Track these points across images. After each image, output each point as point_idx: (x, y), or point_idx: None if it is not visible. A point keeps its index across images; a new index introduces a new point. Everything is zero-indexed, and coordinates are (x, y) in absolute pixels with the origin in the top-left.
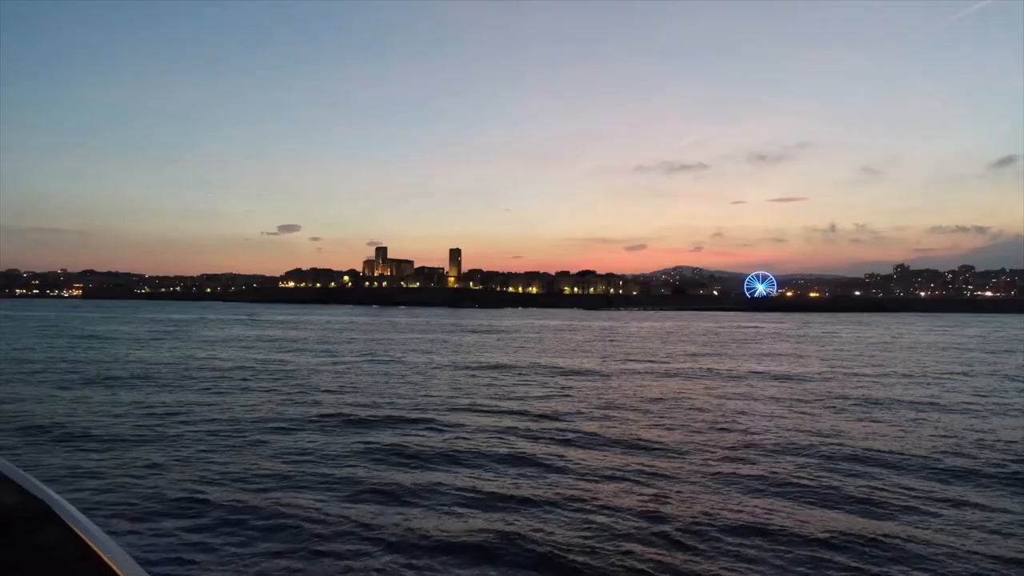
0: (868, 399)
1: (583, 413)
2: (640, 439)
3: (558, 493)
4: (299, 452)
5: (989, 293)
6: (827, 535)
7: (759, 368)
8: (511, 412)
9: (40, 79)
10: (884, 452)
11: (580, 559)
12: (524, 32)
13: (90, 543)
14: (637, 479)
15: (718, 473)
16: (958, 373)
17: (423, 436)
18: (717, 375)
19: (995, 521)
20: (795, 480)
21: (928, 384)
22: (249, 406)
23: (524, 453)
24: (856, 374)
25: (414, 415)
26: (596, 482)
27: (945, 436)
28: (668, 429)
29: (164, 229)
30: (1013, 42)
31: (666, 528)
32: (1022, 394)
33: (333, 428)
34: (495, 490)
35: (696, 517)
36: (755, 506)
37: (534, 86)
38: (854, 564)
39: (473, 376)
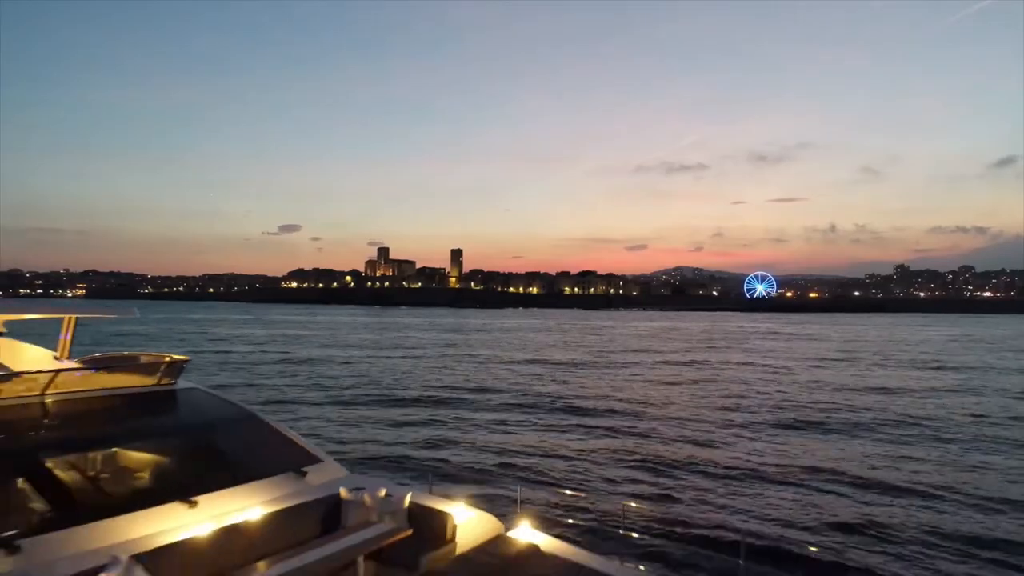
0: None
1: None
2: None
3: None
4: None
5: (988, 294)
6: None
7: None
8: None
9: (41, 80)
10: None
11: None
12: (524, 32)
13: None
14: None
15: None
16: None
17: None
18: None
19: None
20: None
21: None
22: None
23: None
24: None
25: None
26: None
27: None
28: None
29: (164, 229)
30: (1013, 42)
31: None
32: (933, 378)
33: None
34: None
35: None
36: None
37: (534, 86)
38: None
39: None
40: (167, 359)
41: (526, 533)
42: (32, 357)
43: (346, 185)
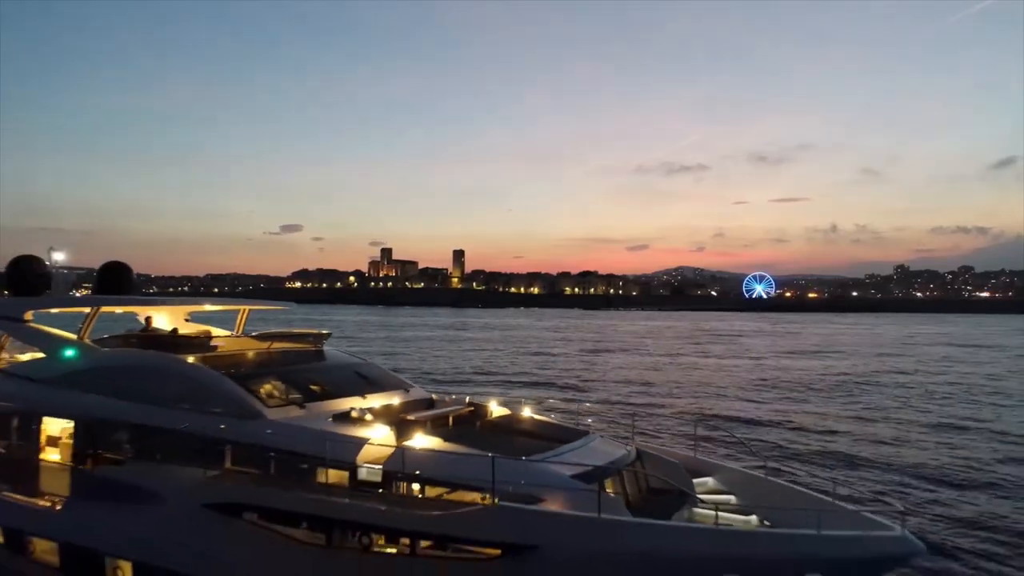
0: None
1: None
2: None
3: None
4: None
5: (987, 294)
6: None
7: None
8: None
9: (44, 81)
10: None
11: None
12: (526, 33)
13: None
14: None
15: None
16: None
17: None
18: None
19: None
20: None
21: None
22: None
23: None
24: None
25: None
26: None
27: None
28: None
29: (166, 229)
30: (1013, 42)
31: None
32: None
33: None
34: None
35: None
36: None
37: (536, 87)
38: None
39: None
40: (316, 332)
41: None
42: (218, 334)
43: (347, 185)
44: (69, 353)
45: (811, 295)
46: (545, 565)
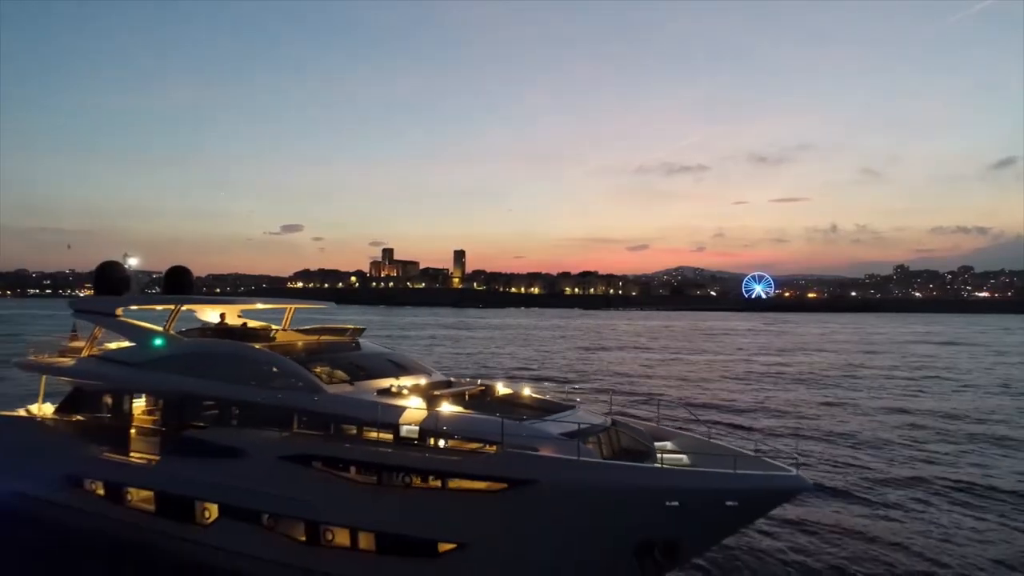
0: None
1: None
2: None
3: None
4: None
5: (985, 294)
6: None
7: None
8: None
9: (45, 81)
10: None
11: None
12: (526, 33)
13: None
14: None
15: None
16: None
17: None
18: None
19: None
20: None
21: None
22: None
23: None
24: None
25: None
26: None
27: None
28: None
29: (167, 229)
30: (1013, 42)
31: None
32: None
33: None
34: None
35: None
36: None
37: (536, 87)
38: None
39: None
40: (352, 327)
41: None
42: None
43: (347, 185)
44: (158, 342)
45: (810, 295)
46: (539, 494)
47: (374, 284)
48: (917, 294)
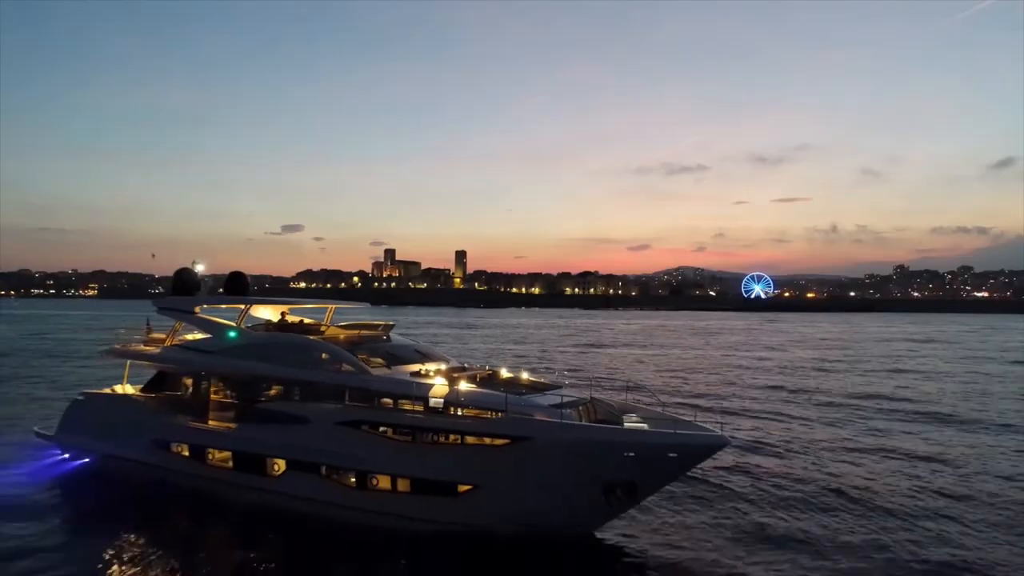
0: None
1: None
2: None
3: None
4: None
5: (984, 294)
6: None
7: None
8: None
9: (46, 81)
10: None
11: None
12: (526, 34)
13: None
14: None
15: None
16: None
17: None
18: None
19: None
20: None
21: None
22: None
23: None
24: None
25: None
26: None
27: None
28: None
29: (167, 229)
30: (1013, 42)
31: None
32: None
33: None
34: None
35: None
36: None
37: (536, 88)
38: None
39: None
40: (383, 323)
41: None
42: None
43: (348, 185)
44: (232, 335)
45: (809, 295)
46: (534, 448)
47: (376, 284)
48: (917, 294)
